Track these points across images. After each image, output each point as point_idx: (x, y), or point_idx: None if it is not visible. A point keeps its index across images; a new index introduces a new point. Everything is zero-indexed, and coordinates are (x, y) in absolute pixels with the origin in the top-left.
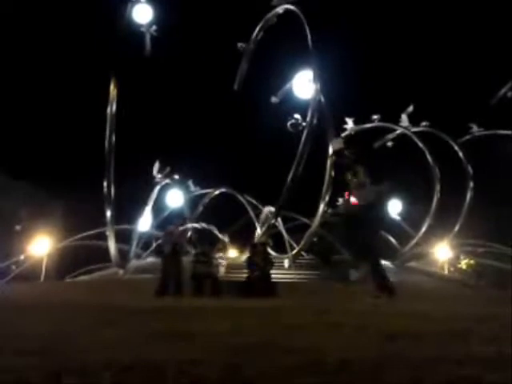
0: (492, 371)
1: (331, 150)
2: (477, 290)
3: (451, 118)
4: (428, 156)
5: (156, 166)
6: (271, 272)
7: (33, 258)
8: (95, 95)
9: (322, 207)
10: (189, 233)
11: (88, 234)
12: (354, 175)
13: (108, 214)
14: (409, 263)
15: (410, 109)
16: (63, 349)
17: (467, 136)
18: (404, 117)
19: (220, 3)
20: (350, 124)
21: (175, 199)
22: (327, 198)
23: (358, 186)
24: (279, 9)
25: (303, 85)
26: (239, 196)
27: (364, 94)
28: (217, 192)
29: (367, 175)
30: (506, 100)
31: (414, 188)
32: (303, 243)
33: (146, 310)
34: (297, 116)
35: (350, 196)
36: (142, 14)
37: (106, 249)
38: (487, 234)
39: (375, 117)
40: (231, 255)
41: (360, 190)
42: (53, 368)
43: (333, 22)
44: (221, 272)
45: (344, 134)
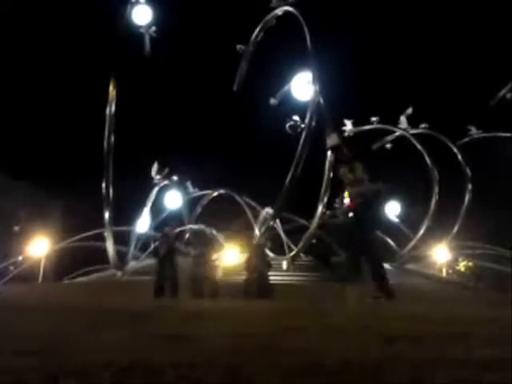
0: (491, 373)
1: (327, 146)
2: (475, 292)
3: (450, 120)
4: (427, 158)
5: (154, 167)
6: (269, 274)
7: (31, 259)
8: (95, 95)
9: (321, 209)
10: (187, 234)
11: (86, 236)
12: (351, 171)
13: (106, 215)
14: (407, 265)
15: (409, 111)
16: (61, 350)
17: (466, 138)
18: (403, 119)
19: (219, 5)
20: (349, 126)
21: (174, 200)
22: (326, 200)
23: (354, 182)
24: (278, 10)
25: (302, 86)
26: (238, 197)
27: (363, 96)
28: (215, 193)
29: (365, 172)
30: (505, 102)
31: (413, 190)
32: (301, 245)
33: (145, 312)
34: (295, 118)
35: (344, 196)
36: (142, 15)
37: (105, 250)
38: (486, 236)
39: (374, 119)
40: (229, 257)
41: (356, 187)
42: (51, 369)
43: (332, 24)
44: (219, 274)
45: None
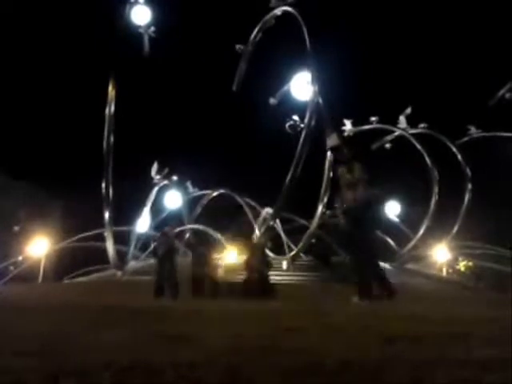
0: (491, 373)
1: (327, 146)
2: (475, 292)
3: (449, 120)
4: (426, 158)
5: (154, 167)
6: (269, 274)
7: (31, 259)
8: (94, 95)
9: (321, 209)
10: (187, 234)
11: (86, 236)
12: (349, 171)
13: (106, 215)
14: (407, 265)
15: (408, 110)
16: (61, 350)
17: (465, 138)
18: (402, 118)
19: (218, 5)
20: (349, 126)
21: (174, 200)
22: (326, 200)
23: (353, 183)
24: (277, 11)
25: (301, 86)
26: (238, 197)
27: (362, 96)
28: (215, 193)
29: (364, 172)
30: (505, 101)
31: (413, 190)
32: (302, 245)
33: (145, 312)
34: (295, 117)
35: (343, 196)
36: (141, 16)
37: (105, 250)
38: (485, 236)
39: (373, 118)
40: (229, 257)
41: (354, 187)
42: (51, 369)
43: (331, 24)
44: (219, 274)
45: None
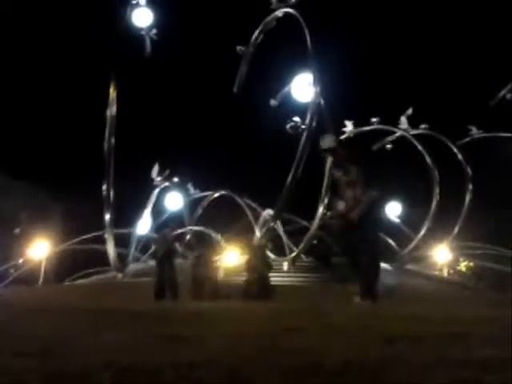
0: (491, 373)
1: (321, 148)
2: (476, 293)
3: (450, 121)
4: (427, 158)
5: (155, 169)
6: (270, 275)
7: (31, 262)
8: (95, 97)
9: (322, 210)
10: (187, 236)
11: (87, 238)
12: (346, 173)
13: (107, 217)
14: (408, 266)
15: (409, 111)
16: (62, 351)
17: (466, 138)
18: (403, 119)
19: (219, 7)
20: (350, 127)
21: (174, 202)
22: (326, 201)
23: (349, 185)
24: (278, 12)
25: (302, 88)
26: (238, 199)
27: (363, 97)
28: (216, 195)
29: (361, 174)
30: (506, 102)
31: (414, 190)
32: (302, 246)
33: (145, 314)
34: (296, 119)
35: (343, 195)
36: (142, 18)
37: (105, 252)
38: (486, 236)
39: (374, 119)
40: (230, 258)
41: (353, 186)
42: (51, 370)
43: (332, 25)
44: (220, 275)
45: (343, 136)
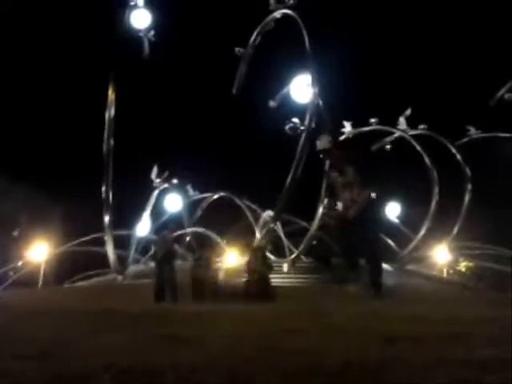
0: (492, 373)
1: (317, 148)
2: (476, 293)
3: (449, 121)
4: (426, 159)
5: (154, 171)
6: (270, 276)
7: (31, 264)
8: (94, 98)
9: (321, 210)
10: (187, 237)
11: (86, 240)
12: (341, 174)
13: (106, 219)
14: (408, 266)
15: (408, 112)
16: (62, 354)
17: (465, 138)
18: (402, 120)
19: (218, 8)
20: (348, 127)
21: (174, 203)
22: (326, 201)
23: (345, 186)
24: (277, 13)
25: (301, 89)
26: (238, 200)
27: (362, 98)
28: (215, 196)
29: (357, 175)
30: (504, 102)
31: (413, 191)
32: (302, 247)
33: (145, 315)
34: (295, 120)
35: (340, 196)
36: (141, 19)
37: (105, 254)
38: (486, 236)
39: (373, 120)
40: (230, 260)
41: (350, 187)
42: (51, 373)
43: (330, 26)
44: (220, 276)
45: (342, 137)
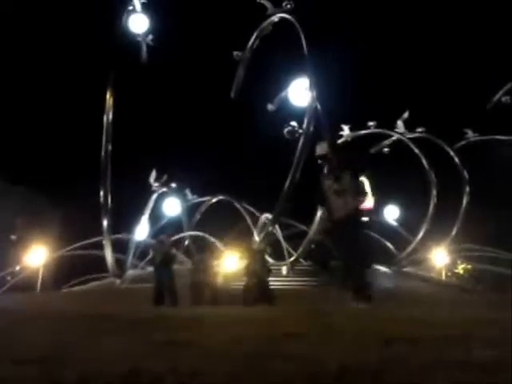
0: (491, 375)
1: (316, 154)
2: (474, 295)
3: (446, 124)
4: (424, 161)
5: (153, 175)
6: (269, 279)
7: (29, 269)
8: (93, 102)
9: (320, 214)
10: (186, 241)
11: (84, 244)
12: (336, 180)
13: (105, 223)
14: (406, 268)
15: (406, 115)
16: (61, 358)
17: (462, 141)
18: (400, 123)
19: (216, 12)
20: (347, 131)
21: (172, 207)
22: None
23: (341, 190)
24: (274, 17)
25: (299, 92)
26: (236, 203)
27: (360, 101)
28: (214, 200)
29: (352, 182)
30: (501, 105)
31: (411, 194)
32: (301, 250)
33: (145, 320)
34: (293, 123)
35: (332, 203)
36: (139, 24)
37: (103, 258)
38: (484, 238)
39: (371, 123)
40: (229, 263)
41: (343, 195)
42: (50, 378)
43: (328, 29)
44: (219, 280)
45: (340, 140)
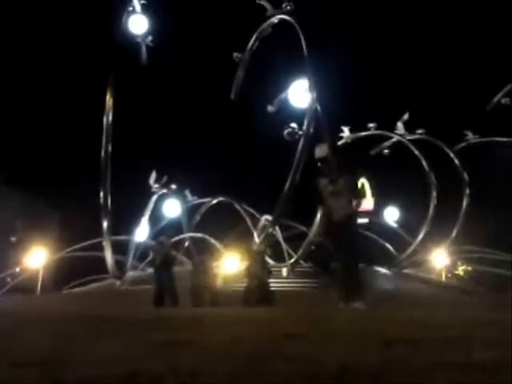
0: (491, 376)
1: (316, 156)
2: (474, 296)
3: (447, 126)
4: (424, 163)
5: (153, 176)
6: (269, 281)
7: (29, 270)
8: (93, 104)
9: (319, 215)
10: (186, 243)
11: (84, 245)
12: (332, 182)
13: (104, 225)
14: (406, 270)
15: (406, 117)
16: (61, 360)
17: (463, 143)
18: (400, 125)
19: (216, 13)
20: (347, 132)
21: (172, 209)
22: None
23: (333, 195)
24: (274, 19)
25: (299, 94)
26: (236, 205)
27: (360, 103)
28: (214, 201)
29: (347, 185)
30: (501, 107)
31: (411, 195)
32: (301, 252)
33: (145, 321)
34: (293, 125)
35: (327, 204)
36: (138, 25)
37: (103, 260)
38: (484, 240)
39: (371, 125)
40: (229, 265)
41: (338, 196)
42: (51, 380)
43: (328, 31)
44: (219, 282)
45: (340, 142)
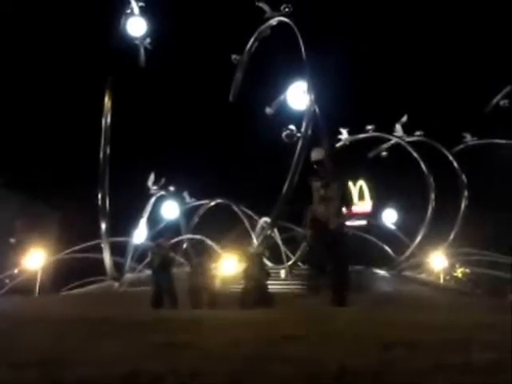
0: (490, 378)
1: (311, 159)
2: (473, 299)
3: (445, 128)
4: (422, 165)
5: (151, 178)
6: (267, 283)
7: (27, 272)
8: (91, 106)
9: (307, 216)
10: (184, 244)
11: (83, 247)
12: (324, 186)
13: (103, 227)
14: (405, 272)
15: (404, 119)
16: (60, 361)
17: (461, 145)
18: (398, 127)
19: (214, 16)
20: (345, 134)
21: (171, 211)
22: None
23: (327, 197)
24: (273, 21)
25: (297, 96)
26: (235, 207)
27: (358, 105)
28: (212, 203)
29: (340, 190)
30: (499, 109)
31: (409, 197)
32: (299, 254)
33: (144, 322)
34: (291, 127)
35: (315, 208)
36: (136, 27)
37: (102, 261)
38: (482, 242)
39: (369, 127)
40: (227, 267)
41: (328, 202)
42: (50, 381)
43: (326, 33)
44: (217, 284)
45: (339, 144)
